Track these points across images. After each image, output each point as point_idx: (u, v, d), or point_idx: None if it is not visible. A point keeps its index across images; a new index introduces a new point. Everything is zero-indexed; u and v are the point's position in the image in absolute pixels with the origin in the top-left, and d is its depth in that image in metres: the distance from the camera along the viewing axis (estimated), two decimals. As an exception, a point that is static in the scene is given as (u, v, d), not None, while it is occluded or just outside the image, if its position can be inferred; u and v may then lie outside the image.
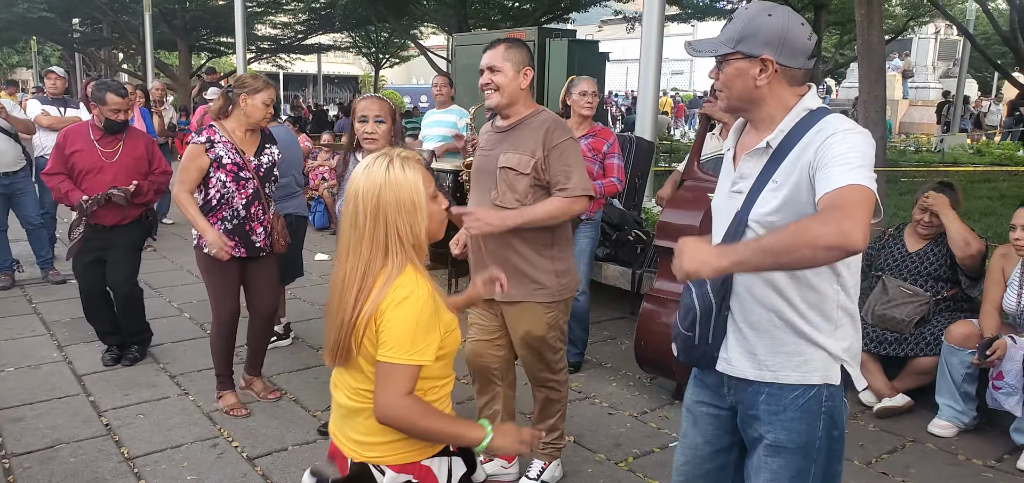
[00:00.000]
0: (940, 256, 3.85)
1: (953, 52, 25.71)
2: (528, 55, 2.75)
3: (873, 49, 6.31)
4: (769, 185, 1.70)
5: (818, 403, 1.76)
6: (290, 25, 23.28)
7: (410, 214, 1.64)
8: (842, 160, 1.55)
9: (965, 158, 14.93)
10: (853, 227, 1.44)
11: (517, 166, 2.70)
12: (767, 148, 1.73)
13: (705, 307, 1.81)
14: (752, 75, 1.71)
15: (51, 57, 29.25)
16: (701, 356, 1.86)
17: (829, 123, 1.66)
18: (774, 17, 1.70)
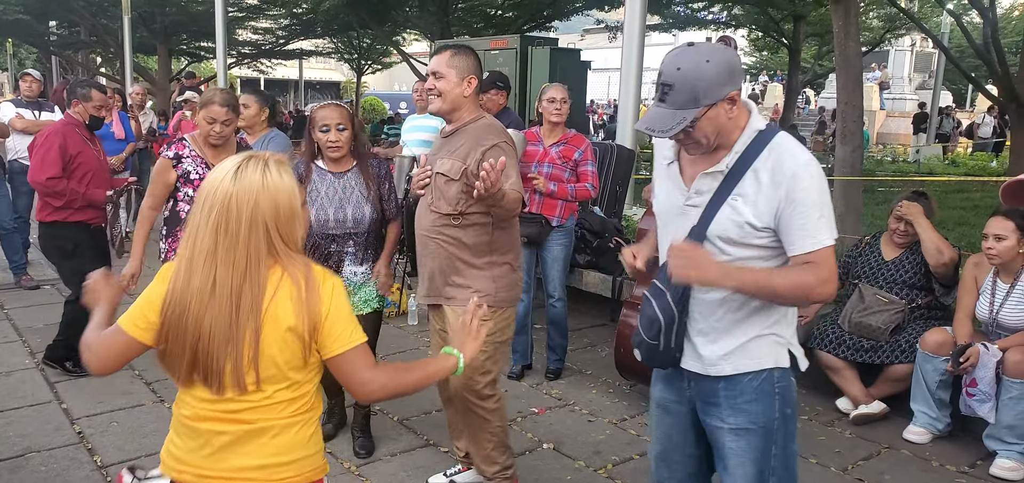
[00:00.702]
0: (915, 265, 3.90)
1: (929, 64, 26.18)
2: (476, 63, 2.74)
3: (850, 60, 6.38)
4: (727, 203, 1.85)
5: (771, 385, 1.94)
6: (272, 30, 23.13)
7: (289, 219, 1.56)
8: (815, 211, 1.79)
9: (940, 169, 15.16)
10: (829, 284, 1.82)
11: (449, 172, 2.68)
12: (724, 170, 1.86)
13: (668, 318, 1.94)
14: (725, 113, 1.83)
15: (26, 60, 28.84)
16: (665, 360, 2.01)
17: (784, 149, 1.84)
18: (712, 60, 1.80)
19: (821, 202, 1.80)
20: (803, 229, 1.79)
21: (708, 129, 1.82)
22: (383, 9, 16.04)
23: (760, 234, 1.84)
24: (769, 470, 1.97)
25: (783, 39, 18.63)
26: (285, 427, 1.61)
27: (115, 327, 1.63)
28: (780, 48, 19.65)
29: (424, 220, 2.80)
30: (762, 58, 30.49)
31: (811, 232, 1.79)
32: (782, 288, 1.82)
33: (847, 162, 6.45)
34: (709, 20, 19.44)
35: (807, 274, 1.79)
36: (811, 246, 1.79)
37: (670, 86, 1.80)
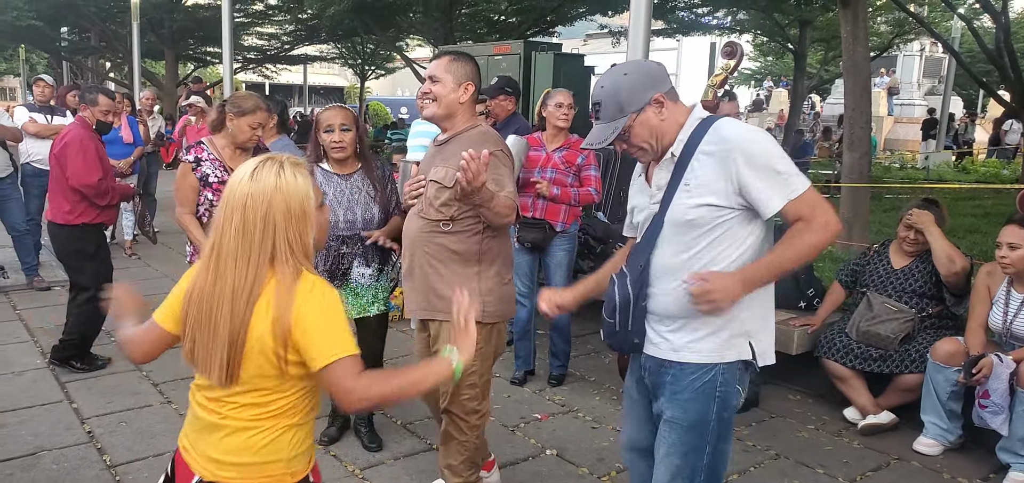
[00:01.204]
0: (925, 273, 3.88)
1: (938, 69, 26.05)
2: (474, 70, 2.69)
3: (858, 65, 6.38)
4: (681, 188, 1.98)
5: (714, 385, 2.02)
6: (277, 36, 23.24)
7: (300, 222, 1.60)
8: (773, 166, 1.89)
9: (950, 175, 15.10)
10: (829, 221, 1.89)
11: (442, 179, 2.62)
12: (672, 158, 2.01)
13: (623, 299, 2.05)
14: (654, 116, 1.99)
15: (38, 65, 29.04)
16: (622, 341, 2.12)
17: (727, 126, 1.97)
18: (630, 73, 2.01)
19: (772, 157, 1.90)
20: (771, 186, 1.88)
21: (643, 133, 2.00)
22: (387, 15, 16.07)
23: (720, 211, 1.94)
24: (699, 468, 2.06)
25: (788, 44, 18.59)
26: (239, 430, 1.64)
27: (150, 320, 1.77)
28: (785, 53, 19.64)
29: (412, 227, 2.73)
30: (767, 63, 30.45)
31: (780, 185, 1.89)
32: (792, 262, 1.92)
33: (855, 169, 6.45)
34: (713, 25, 19.43)
35: (806, 233, 1.88)
36: (786, 197, 1.88)
37: (599, 104, 2.01)
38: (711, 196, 1.93)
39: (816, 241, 1.89)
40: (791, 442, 3.80)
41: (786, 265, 1.92)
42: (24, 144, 6.24)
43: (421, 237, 2.68)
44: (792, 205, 1.89)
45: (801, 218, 1.89)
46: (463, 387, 2.69)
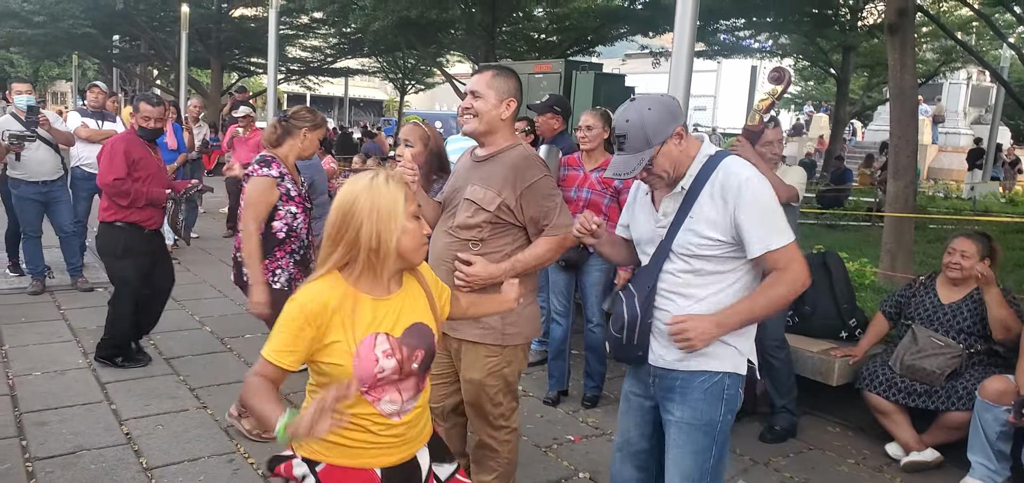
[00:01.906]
0: (974, 312, 3.74)
1: (985, 98, 25.46)
2: (516, 86, 2.62)
3: (905, 93, 6.25)
4: (687, 221, 2.15)
5: (721, 389, 2.19)
6: (320, 49, 23.67)
7: (382, 221, 1.68)
8: (759, 217, 2.07)
9: (997, 207, 14.70)
10: (797, 277, 2.10)
11: (481, 200, 2.54)
12: (681, 191, 2.17)
13: (632, 316, 2.22)
14: (675, 148, 2.15)
15: (89, 71, 29.98)
16: (630, 355, 2.27)
17: (729, 169, 2.12)
18: (653, 107, 2.14)
19: (766, 209, 2.08)
20: (754, 234, 2.07)
21: (665, 164, 2.14)
22: (430, 31, 16.27)
23: (721, 245, 2.11)
24: (706, 469, 2.21)
25: (831, 69, 18.36)
26: None
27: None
28: (827, 78, 19.41)
29: (439, 243, 2.67)
30: (808, 88, 30.07)
31: (763, 237, 2.06)
32: (762, 311, 2.14)
33: (900, 198, 6.30)
34: (755, 49, 19.27)
35: (777, 286, 2.09)
36: (763, 249, 2.06)
37: (624, 136, 2.15)
38: (714, 230, 2.11)
39: (784, 293, 2.11)
40: (830, 476, 3.70)
41: (757, 313, 2.13)
42: (74, 148, 6.43)
43: (448, 253, 2.62)
44: (770, 255, 2.07)
45: (776, 269, 2.09)
46: (487, 405, 2.68)
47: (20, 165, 5.77)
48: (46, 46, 21.59)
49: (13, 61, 30.90)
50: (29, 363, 4.52)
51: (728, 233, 2.10)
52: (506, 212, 2.55)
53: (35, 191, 5.90)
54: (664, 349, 2.21)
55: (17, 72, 29.61)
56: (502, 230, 2.58)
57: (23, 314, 5.50)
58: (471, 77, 2.65)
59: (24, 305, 5.74)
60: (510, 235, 2.60)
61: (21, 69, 31.14)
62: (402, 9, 13.72)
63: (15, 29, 19.16)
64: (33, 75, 32.09)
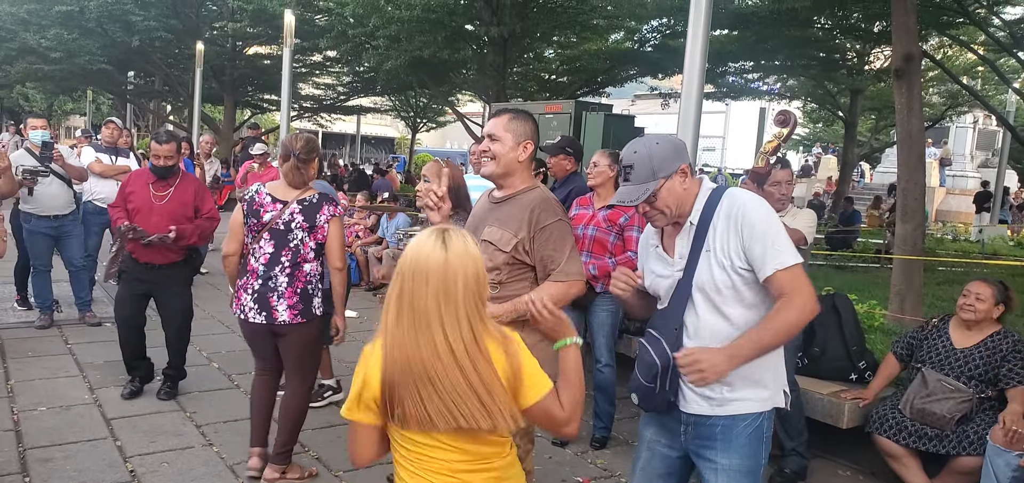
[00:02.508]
0: (987, 359, 3.70)
1: (992, 142, 25.48)
2: (533, 128, 2.66)
3: (913, 137, 6.27)
4: (703, 254, 2.15)
5: (762, 431, 2.19)
6: (333, 86, 23.99)
7: (483, 287, 1.72)
8: (767, 238, 2.08)
9: (1005, 250, 14.62)
10: (806, 302, 2.07)
11: (498, 241, 2.58)
12: (690, 226, 2.20)
13: (664, 362, 2.17)
14: (679, 184, 2.19)
15: (104, 106, 30.43)
16: (659, 402, 2.22)
17: (733, 196, 2.17)
18: (661, 143, 2.21)
19: (769, 228, 2.09)
20: (764, 255, 2.07)
21: (668, 199, 2.18)
22: (442, 71, 16.50)
23: (743, 273, 2.12)
24: None
25: (839, 112, 18.45)
26: None
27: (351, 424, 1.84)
28: (835, 120, 19.51)
29: None
30: (816, 130, 30.18)
31: (771, 257, 2.06)
32: (772, 340, 2.09)
33: (908, 240, 6.28)
34: (763, 91, 19.40)
35: (786, 312, 2.06)
36: (773, 268, 2.06)
37: (631, 167, 2.19)
38: (732, 256, 2.12)
39: (794, 319, 2.07)
40: (841, 523, 3.64)
41: (766, 342, 2.08)
42: (87, 183, 6.50)
43: None
44: (779, 275, 2.06)
45: (783, 293, 2.06)
46: None
47: (32, 199, 5.83)
48: (62, 82, 21.94)
49: (28, 96, 31.39)
50: (35, 398, 4.52)
51: (741, 258, 2.11)
52: (522, 253, 2.58)
53: (46, 225, 5.95)
54: (695, 394, 2.18)
55: (32, 107, 30.08)
56: (520, 272, 2.60)
57: (30, 348, 5.51)
58: (488, 120, 2.70)
59: (31, 339, 5.76)
60: (527, 278, 2.61)
61: (36, 104, 31.62)
62: (415, 49, 13.93)
63: (32, 65, 19.51)
64: (47, 110, 32.54)
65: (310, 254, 3.48)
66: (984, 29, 11.25)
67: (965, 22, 11.30)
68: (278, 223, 3.43)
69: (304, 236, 3.45)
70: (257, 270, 3.45)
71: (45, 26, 18.09)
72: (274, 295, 3.43)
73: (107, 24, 18.26)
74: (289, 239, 3.44)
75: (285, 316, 3.44)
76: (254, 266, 3.46)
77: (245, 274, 3.52)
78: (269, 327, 3.47)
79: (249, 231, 3.50)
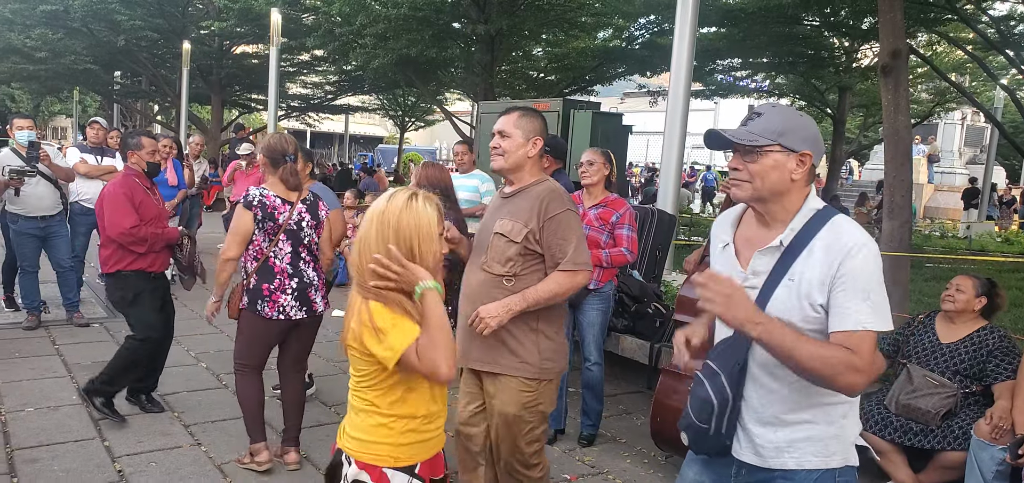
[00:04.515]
0: (972, 355, 3.74)
1: (980, 138, 25.71)
2: (542, 125, 2.74)
3: (900, 134, 6.31)
4: (784, 282, 1.78)
5: (832, 480, 1.82)
6: (321, 85, 23.92)
7: (427, 241, 1.85)
8: (862, 291, 1.70)
9: (993, 246, 14.75)
10: (864, 380, 1.69)
11: (509, 233, 2.66)
12: (780, 246, 1.81)
13: (722, 400, 1.84)
14: (789, 169, 1.80)
15: (90, 107, 30.21)
16: (714, 445, 1.88)
17: (843, 230, 1.76)
18: (805, 119, 1.84)
19: (871, 285, 1.70)
20: (846, 306, 1.70)
21: (768, 172, 1.80)
22: (430, 69, 16.49)
23: (820, 312, 1.74)
24: None
25: (827, 109, 18.55)
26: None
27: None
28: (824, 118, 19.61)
29: (473, 280, 2.77)
30: (805, 128, 30.31)
31: (853, 311, 1.69)
32: (805, 357, 1.66)
33: (895, 237, 6.33)
34: (751, 88, 19.49)
35: (838, 353, 1.67)
36: (852, 325, 1.68)
37: (760, 114, 1.83)
38: (817, 296, 1.74)
39: (839, 371, 1.66)
40: (828, 517, 3.67)
41: (798, 356, 1.67)
42: (74, 183, 6.46)
43: (482, 290, 2.70)
44: (853, 335, 1.68)
45: (850, 349, 1.69)
46: (522, 441, 2.72)
47: (19, 200, 5.79)
48: (48, 82, 21.79)
49: (14, 96, 31.15)
50: (22, 399, 4.48)
51: (823, 296, 1.74)
52: (533, 243, 2.64)
53: (33, 226, 5.91)
54: (761, 439, 1.84)
55: (18, 107, 29.83)
56: (533, 263, 2.67)
57: (17, 349, 5.47)
58: (499, 118, 2.76)
59: (19, 340, 5.72)
60: (541, 269, 2.68)
61: (22, 104, 31.38)
62: (402, 48, 13.91)
63: (17, 65, 19.37)
64: (34, 110, 32.28)
65: (316, 247, 3.71)
66: (972, 25, 11.34)
67: (953, 18, 11.38)
68: (291, 223, 3.57)
69: (312, 232, 3.65)
70: (286, 270, 3.55)
71: (30, 26, 17.96)
72: (311, 289, 3.63)
73: (92, 23, 18.13)
74: (302, 237, 3.61)
75: (321, 306, 3.69)
76: (281, 267, 3.54)
77: (275, 277, 3.53)
78: (299, 321, 3.62)
79: (266, 235, 3.53)
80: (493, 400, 2.74)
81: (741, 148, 1.82)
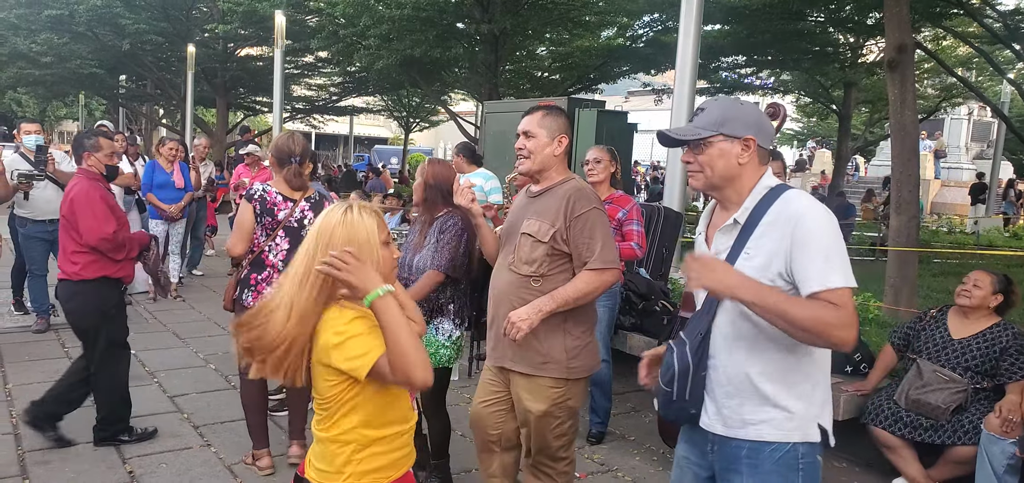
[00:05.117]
0: (985, 351, 3.71)
1: (987, 133, 25.62)
2: (565, 124, 2.75)
3: (906, 129, 6.29)
4: (741, 256, 1.90)
5: (796, 459, 1.90)
6: (325, 87, 23.95)
7: (362, 250, 1.76)
8: (821, 253, 1.79)
9: (1001, 241, 14.68)
10: (853, 334, 1.77)
11: (536, 233, 2.67)
12: (735, 224, 1.94)
13: (683, 367, 1.95)
14: (735, 154, 1.94)
15: (96, 111, 30.33)
16: (678, 411, 2.01)
17: (792, 200, 1.88)
18: (746, 107, 1.98)
19: (828, 245, 1.80)
20: (809, 269, 1.79)
21: (715, 160, 1.94)
22: (434, 69, 16.48)
23: (784, 286, 1.84)
24: None
25: (833, 106, 18.50)
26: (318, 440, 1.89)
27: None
28: (829, 114, 19.58)
29: (501, 280, 2.78)
30: (810, 124, 30.27)
31: (819, 273, 1.77)
32: (799, 317, 1.75)
33: (902, 232, 6.31)
34: (757, 85, 19.44)
35: (828, 310, 1.75)
36: (819, 286, 1.77)
37: (703, 110, 1.99)
38: (771, 269, 1.84)
39: (831, 325, 1.74)
40: (838, 513, 3.66)
41: (793, 316, 1.75)
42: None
43: (510, 290, 2.72)
44: (826, 294, 1.76)
45: (832, 303, 1.77)
46: (550, 436, 2.75)
47: (28, 204, 5.82)
48: (53, 86, 21.86)
49: (21, 101, 31.27)
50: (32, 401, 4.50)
51: (783, 268, 1.84)
52: (561, 243, 2.65)
53: (42, 230, 5.94)
54: (726, 409, 1.94)
55: (25, 112, 29.96)
56: (560, 263, 2.67)
57: (27, 352, 5.50)
58: (523, 118, 2.77)
59: (28, 343, 5.74)
60: (568, 269, 2.69)
61: (29, 109, 31.51)
62: (406, 48, 13.92)
63: (23, 70, 19.44)
64: (40, 115, 32.42)
65: None
66: (978, 20, 11.27)
67: (959, 13, 11.33)
68: (291, 221, 3.59)
69: None
70: (277, 266, 3.57)
71: (35, 31, 18.02)
72: None
73: (97, 28, 18.19)
74: (302, 235, 3.56)
75: None
76: (273, 262, 3.59)
77: (265, 269, 3.59)
78: None
79: (263, 229, 3.59)
80: (522, 398, 2.75)
81: (690, 143, 1.97)
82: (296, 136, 3.71)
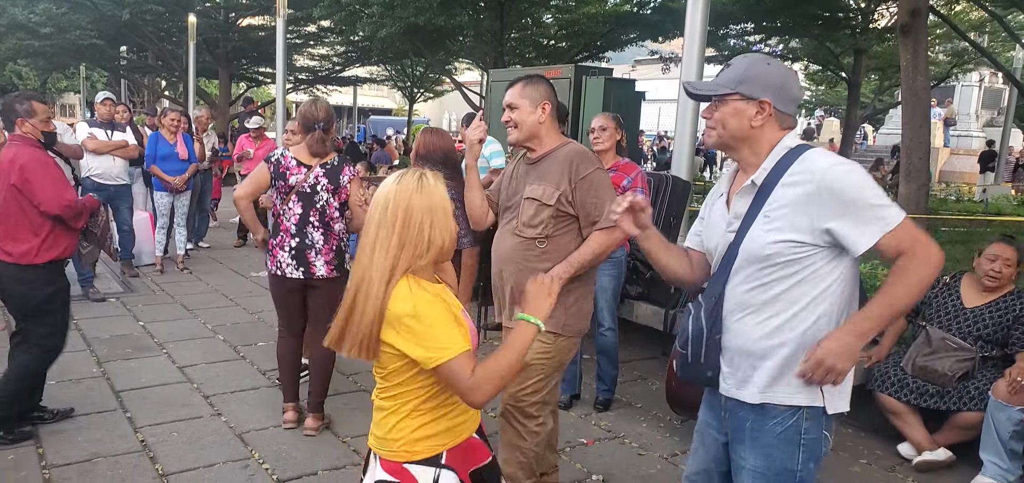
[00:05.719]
0: (997, 321, 3.69)
1: (998, 101, 25.30)
2: (547, 90, 2.77)
3: (918, 95, 6.22)
4: (759, 219, 1.86)
5: (798, 432, 1.88)
6: (328, 57, 23.78)
7: (442, 221, 1.74)
8: (866, 196, 1.76)
9: (1009, 209, 14.59)
10: (931, 253, 1.74)
11: (541, 196, 2.70)
12: (752, 186, 1.89)
13: (697, 330, 1.96)
14: (748, 116, 1.88)
15: (98, 83, 30.20)
16: (696, 374, 2.00)
17: (815, 157, 1.82)
18: (772, 66, 1.91)
19: (868, 187, 1.77)
20: (862, 221, 1.74)
21: (730, 118, 1.89)
22: (438, 38, 16.33)
23: (800, 248, 1.80)
24: None
25: (842, 73, 18.30)
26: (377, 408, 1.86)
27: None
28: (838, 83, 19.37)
29: (504, 244, 2.82)
30: (818, 92, 30.00)
31: (872, 219, 1.74)
32: (903, 300, 1.77)
33: (912, 200, 6.28)
34: (766, 53, 19.25)
35: (912, 269, 1.73)
36: (881, 231, 1.74)
37: (728, 66, 1.93)
38: (791, 231, 1.80)
39: (925, 275, 1.74)
40: (843, 476, 3.68)
41: (898, 305, 1.77)
42: (85, 159, 6.47)
43: (514, 253, 2.76)
44: (888, 238, 1.74)
45: (902, 252, 1.75)
46: (527, 387, 2.75)
47: None
48: (53, 58, 21.71)
49: (21, 73, 31.14)
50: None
51: (812, 234, 1.78)
52: (566, 204, 2.68)
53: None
54: (736, 371, 1.93)
55: (25, 84, 29.84)
56: (566, 224, 2.71)
57: None
58: (505, 92, 2.78)
59: None
60: (573, 230, 2.73)
61: (29, 81, 31.36)
62: (409, 16, 13.79)
63: (22, 41, 19.27)
64: (41, 87, 32.30)
65: (336, 213, 3.70)
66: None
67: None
68: (305, 186, 3.65)
69: (329, 197, 3.67)
70: (290, 230, 3.67)
71: (34, 1, 17.87)
72: (312, 251, 3.66)
73: (96, -3, 18.04)
74: (315, 200, 3.67)
75: (323, 271, 3.68)
76: (287, 226, 3.68)
77: (280, 233, 3.69)
78: (304, 282, 3.69)
79: (277, 193, 3.70)
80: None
81: (713, 97, 1.92)
82: (321, 102, 3.77)
